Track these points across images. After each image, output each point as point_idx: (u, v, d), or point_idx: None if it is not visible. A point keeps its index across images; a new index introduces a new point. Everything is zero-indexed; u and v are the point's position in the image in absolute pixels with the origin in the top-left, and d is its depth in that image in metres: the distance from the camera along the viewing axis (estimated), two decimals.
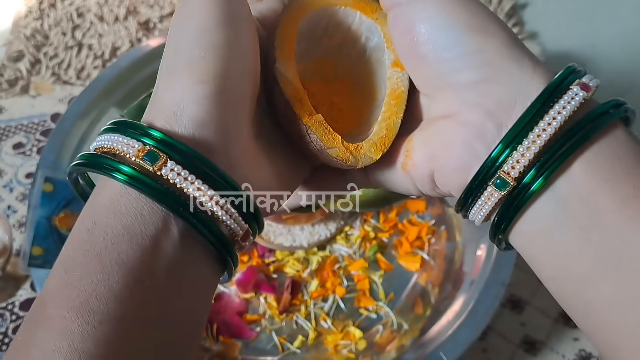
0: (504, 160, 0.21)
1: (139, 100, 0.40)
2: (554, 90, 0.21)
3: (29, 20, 0.85)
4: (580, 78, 0.22)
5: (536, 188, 0.21)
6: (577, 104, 0.21)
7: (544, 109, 0.21)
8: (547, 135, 0.20)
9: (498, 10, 0.82)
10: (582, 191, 0.20)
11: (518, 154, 0.21)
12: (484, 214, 0.23)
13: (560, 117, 0.20)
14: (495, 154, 0.21)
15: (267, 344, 0.55)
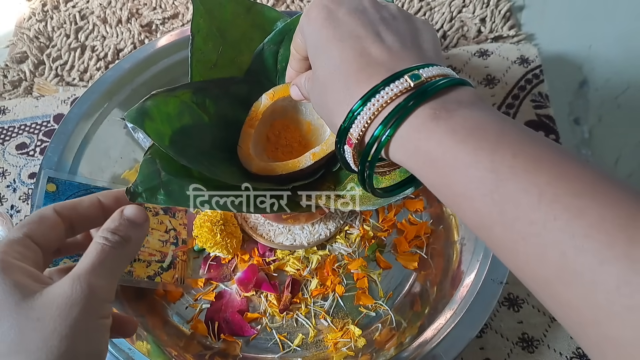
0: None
1: (140, 103, 0.40)
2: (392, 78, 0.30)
3: (32, 22, 0.86)
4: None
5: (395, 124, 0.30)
6: (403, 87, 0.30)
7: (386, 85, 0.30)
8: (380, 103, 0.30)
9: (495, 13, 0.82)
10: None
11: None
12: (358, 131, 0.32)
13: (391, 93, 0.30)
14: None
15: (268, 342, 0.56)
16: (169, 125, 0.42)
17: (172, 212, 0.61)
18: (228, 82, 0.49)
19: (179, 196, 0.41)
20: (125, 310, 0.54)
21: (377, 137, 0.30)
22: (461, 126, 0.28)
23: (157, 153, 0.42)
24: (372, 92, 0.30)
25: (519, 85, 0.74)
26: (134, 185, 0.39)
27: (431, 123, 0.28)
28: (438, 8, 0.84)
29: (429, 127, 0.28)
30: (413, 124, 0.29)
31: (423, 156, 0.29)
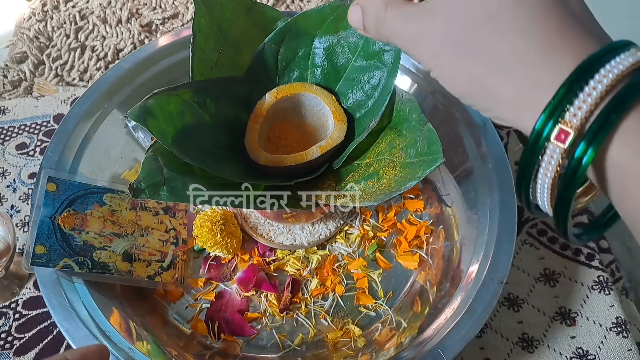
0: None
1: (142, 101, 0.40)
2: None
3: (32, 22, 0.86)
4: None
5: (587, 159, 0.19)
6: (635, 59, 0.19)
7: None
8: (597, 92, 0.19)
9: None
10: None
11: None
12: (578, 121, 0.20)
13: (617, 70, 0.19)
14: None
15: (268, 342, 0.56)
16: (171, 123, 0.42)
17: (172, 212, 0.61)
18: (229, 82, 0.49)
19: (182, 192, 0.41)
20: (125, 310, 0.54)
21: (601, 125, 0.19)
22: None
23: (159, 150, 0.42)
24: (592, 63, 0.19)
25: None
26: (136, 181, 0.39)
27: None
28: None
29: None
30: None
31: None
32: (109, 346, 0.48)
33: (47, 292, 0.50)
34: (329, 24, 0.51)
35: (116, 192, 0.58)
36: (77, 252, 0.51)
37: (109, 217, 0.56)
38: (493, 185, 0.56)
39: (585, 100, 0.19)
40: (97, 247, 0.53)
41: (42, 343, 0.56)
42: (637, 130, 0.19)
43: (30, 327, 0.57)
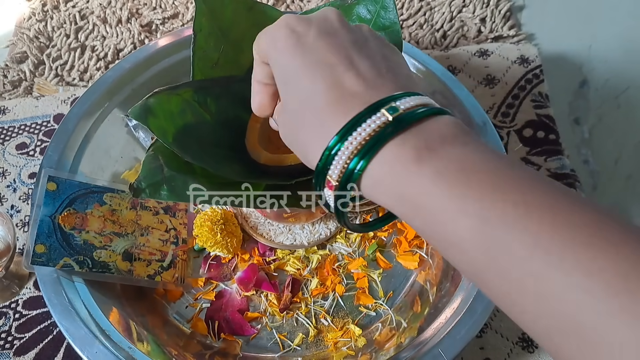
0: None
1: (143, 100, 0.40)
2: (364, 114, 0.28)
3: (33, 22, 0.86)
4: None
5: (366, 161, 0.28)
6: (381, 122, 0.28)
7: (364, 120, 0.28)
8: (359, 139, 0.28)
9: (495, 13, 0.82)
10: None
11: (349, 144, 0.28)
12: (337, 172, 0.29)
13: (369, 129, 0.28)
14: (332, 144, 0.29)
15: (268, 342, 0.56)
16: (172, 122, 0.42)
17: (172, 212, 0.61)
18: (229, 81, 0.49)
19: (182, 192, 0.41)
20: (125, 309, 0.54)
21: (351, 170, 0.28)
22: (445, 168, 0.26)
23: (159, 150, 0.42)
24: (349, 128, 0.28)
25: (519, 85, 0.74)
26: (137, 181, 0.39)
27: (414, 166, 0.26)
28: (438, 8, 0.84)
29: (412, 171, 0.26)
30: (395, 168, 0.27)
31: (409, 203, 0.27)
32: (109, 345, 0.48)
33: (47, 291, 0.50)
34: None
35: (116, 191, 0.58)
36: (77, 251, 0.51)
37: (109, 217, 0.56)
38: None
39: (348, 147, 0.28)
40: (97, 246, 0.53)
41: (42, 343, 0.56)
42: (375, 165, 0.28)
43: (30, 327, 0.57)
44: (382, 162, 0.27)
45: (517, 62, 0.76)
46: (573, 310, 0.21)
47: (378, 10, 0.49)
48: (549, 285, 0.22)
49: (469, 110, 0.61)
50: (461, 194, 0.25)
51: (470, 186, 0.25)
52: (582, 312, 0.21)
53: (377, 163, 0.28)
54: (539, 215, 0.23)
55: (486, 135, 0.59)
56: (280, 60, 0.32)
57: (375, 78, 0.30)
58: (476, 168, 0.26)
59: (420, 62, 0.65)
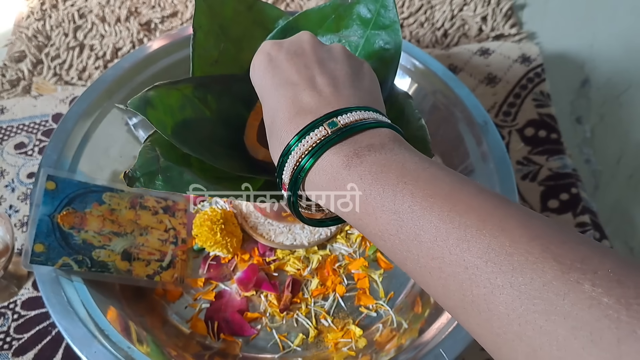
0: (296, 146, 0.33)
1: (143, 92, 0.40)
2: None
3: (31, 21, 0.85)
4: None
5: (308, 166, 0.32)
6: (321, 135, 0.32)
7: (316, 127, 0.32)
8: (304, 147, 0.32)
9: (496, 12, 0.82)
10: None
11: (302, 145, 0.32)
12: (288, 176, 0.34)
13: (311, 140, 0.32)
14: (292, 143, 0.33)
15: (268, 342, 0.56)
16: (171, 116, 0.42)
17: (171, 212, 0.61)
18: (230, 79, 0.49)
19: (178, 182, 0.40)
20: (124, 309, 0.54)
21: (297, 173, 0.32)
22: (368, 171, 0.30)
23: (157, 142, 0.41)
24: (298, 138, 0.32)
25: (520, 84, 0.74)
26: (132, 169, 0.38)
27: (344, 171, 0.30)
28: (439, 6, 0.83)
29: (342, 175, 0.30)
30: (329, 173, 0.31)
31: (340, 201, 0.31)
32: (108, 345, 0.47)
33: (46, 291, 0.50)
34: (330, 23, 0.51)
35: (115, 191, 0.57)
36: (76, 250, 0.51)
37: (108, 216, 0.55)
38: (494, 184, 0.56)
39: (293, 156, 0.33)
40: (96, 245, 0.53)
41: (41, 344, 0.56)
42: (315, 170, 0.32)
43: (29, 328, 0.57)
44: (320, 167, 0.31)
45: (518, 61, 0.76)
46: (469, 285, 0.24)
47: (378, 9, 0.49)
48: (451, 266, 0.25)
49: (470, 110, 0.61)
50: (378, 192, 0.29)
51: (385, 185, 0.29)
52: (476, 287, 0.24)
53: (317, 168, 0.32)
54: (440, 203, 0.26)
55: (487, 135, 0.59)
56: (255, 80, 0.38)
57: (330, 93, 0.34)
58: (392, 170, 0.29)
59: (421, 62, 0.65)
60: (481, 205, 0.26)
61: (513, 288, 0.23)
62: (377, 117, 0.33)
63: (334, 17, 0.51)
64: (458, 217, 0.26)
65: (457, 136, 0.61)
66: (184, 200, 0.63)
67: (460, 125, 0.61)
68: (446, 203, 0.26)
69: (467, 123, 0.60)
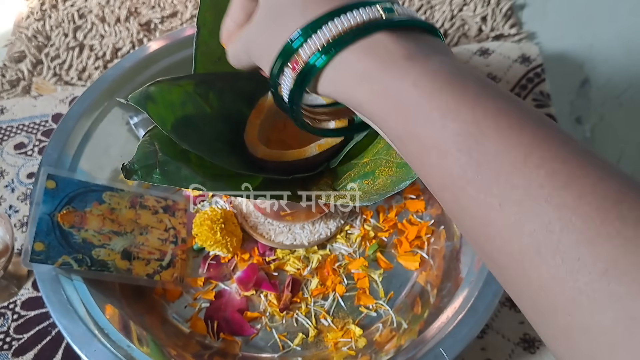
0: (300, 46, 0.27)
1: (144, 87, 0.40)
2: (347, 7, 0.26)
3: (31, 21, 0.85)
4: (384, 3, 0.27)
5: (320, 64, 0.26)
6: (374, 15, 0.26)
7: (336, 16, 0.26)
8: (342, 26, 0.26)
9: (496, 12, 0.82)
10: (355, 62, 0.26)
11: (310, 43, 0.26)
12: (289, 84, 0.28)
13: (359, 18, 0.26)
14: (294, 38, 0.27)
15: (268, 342, 0.55)
16: (171, 112, 0.42)
17: (171, 211, 0.61)
18: (233, 77, 0.49)
19: (175, 176, 0.40)
20: (123, 308, 0.54)
21: (335, 42, 0.26)
22: (439, 71, 0.24)
23: (156, 136, 0.41)
24: (338, 12, 0.26)
25: (520, 84, 0.74)
26: (130, 162, 0.38)
27: (405, 62, 0.25)
28: (439, 6, 0.83)
29: (402, 66, 0.25)
30: (382, 58, 0.25)
31: (392, 99, 0.25)
32: (108, 344, 0.47)
33: (46, 290, 0.50)
34: None
35: (116, 190, 0.57)
36: (76, 249, 0.51)
37: (109, 215, 0.55)
38: None
39: (331, 29, 0.26)
40: (96, 244, 0.53)
41: (40, 344, 0.56)
42: (359, 52, 0.26)
43: (28, 328, 0.57)
44: (367, 50, 0.26)
45: (518, 61, 0.76)
46: (559, 229, 0.20)
47: None
48: (537, 202, 0.21)
49: None
50: (453, 97, 0.23)
51: (463, 92, 0.24)
52: (569, 233, 0.20)
53: (361, 50, 0.26)
54: (531, 129, 0.22)
55: None
56: None
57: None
58: (469, 79, 0.24)
59: None
60: (575, 144, 0.22)
61: (622, 238, 0.19)
62: (425, 22, 0.28)
63: None
64: (553, 148, 0.22)
65: None
66: (184, 199, 0.63)
67: None
68: (539, 131, 0.22)
69: None
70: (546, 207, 0.20)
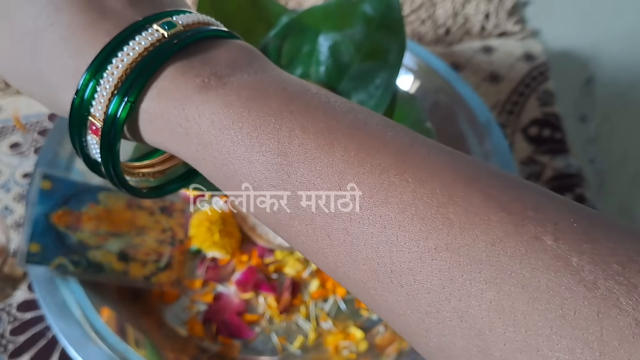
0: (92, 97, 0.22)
1: None
2: (134, 28, 0.22)
3: None
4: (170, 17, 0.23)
5: (123, 117, 0.22)
6: (154, 38, 0.22)
7: (123, 43, 0.22)
8: (123, 65, 0.22)
9: (499, 9, 0.81)
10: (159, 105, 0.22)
11: (101, 88, 0.22)
12: (95, 153, 0.24)
13: (138, 47, 0.22)
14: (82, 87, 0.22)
15: (267, 345, 0.55)
16: None
17: (169, 212, 0.60)
18: None
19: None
20: (120, 311, 0.53)
21: (122, 99, 0.22)
22: (237, 96, 0.21)
23: None
24: (113, 49, 0.22)
25: (524, 82, 0.73)
26: (127, 161, 0.38)
27: (199, 96, 0.21)
28: (441, 3, 0.83)
29: (196, 102, 0.22)
30: (176, 98, 0.22)
31: (195, 141, 0.22)
32: (104, 347, 0.47)
33: (42, 292, 0.49)
34: (334, 21, 0.51)
35: (112, 190, 0.56)
36: (72, 250, 0.50)
37: (105, 216, 0.55)
38: None
39: (107, 82, 0.22)
40: (92, 246, 0.52)
41: (36, 346, 0.55)
42: (153, 95, 0.22)
43: (24, 330, 0.56)
44: (160, 91, 0.22)
45: (522, 59, 0.75)
46: (387, 251, 0.19)
47: (383, 9, 0.49)
48: (362, 226, 0.19)
49: (472, 108, 0.60)
50: (254, 124, 0.21)
51: (264, 114, 0.21)
52: (399, 253, 0.18)
53: (155, 92, 0.22)
54: (343, 139, 0.20)
55: (490, 134, 0.58)
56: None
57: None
58: (272, 94, 0.21)
59: (423, 59, 0.64)
60: (395, 142, 0.20)
61: (450, 251, 0.17)
62: (222, 26, 0.25)
63: (338, 15, 0.50)
64: (369, 158, 0.19)
65: (459, 135, 0.60)
66: (182, 200, 0.62)
67: (462, 124, 0.60)
68: (351, 140, 0.20)
69: (469, 122, 0.60)
70: (371, 229, 0.19)
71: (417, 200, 0.18)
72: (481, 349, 0.17)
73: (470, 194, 0.18)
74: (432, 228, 0.17)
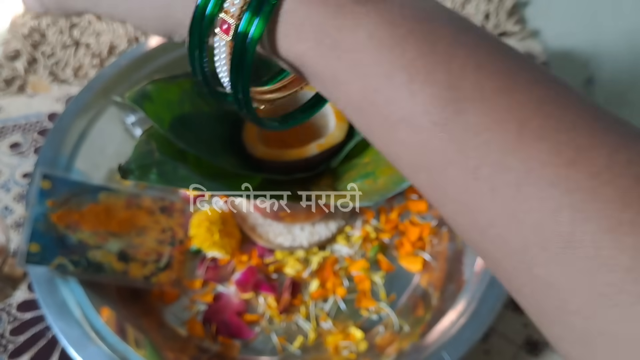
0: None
1: (141, 86, 0.40)
2: None
3: (27, 19, 0.85)
4: None
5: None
6: None
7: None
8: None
9: (499, 9, 0.81)
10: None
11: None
12: (221, 67, 0.22)
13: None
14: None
15: (267, 345, 0.55)
16: (169, 110, 0.41)
17: (169, 212, 0.60)
18: None
19: (172, 177, 0.40)
20: (120, 311, 0.53)
21: (259, 4, 0.19)
22: (400, 14, 0.19)
23: (153, 136, 0.41)
24: None
25: None
26: (126, 162, 0.37)
27: (355, 6, 0.19)
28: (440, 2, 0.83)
29: (354, 12, 0.19)
30: (328, 3, 0.19)
31: (345, 56, 0.19)
32: (104, 347, 0.47)
33: (42, 292, 0.49)
34: None
35: (112, 190, 0.56)
36: (72, 250, 0.50)
37: (105, 216, 0.54)
38: None
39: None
40: (92, 246, 0.52)
41: (36, 346, 0.55)
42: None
43: (24, 330, 0.56)
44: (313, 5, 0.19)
45: None
46: (568, 221, 0.17)
47: None
48: (537, 186, 0.17)
49: None
50: (421, 50, 0.18)
51: (434, 41, 0.19)
52: (586, 224, 0.16)
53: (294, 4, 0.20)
54: (525, 85, 0.18)
55: None
56: None
57: None
58: (439, 20, 0.19)
59: None
60: (576, 101, 0.19)
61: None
62: None
63: None
64: (556, 112, 0.18)
65: None
66: (182, 200, 0.62)
67: None
68: (536, 88, 0.18)
69: None
70: (552, 191, 0.17)
71: (607, 167, 0.17)
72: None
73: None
74: (627, 199, 0.16)
